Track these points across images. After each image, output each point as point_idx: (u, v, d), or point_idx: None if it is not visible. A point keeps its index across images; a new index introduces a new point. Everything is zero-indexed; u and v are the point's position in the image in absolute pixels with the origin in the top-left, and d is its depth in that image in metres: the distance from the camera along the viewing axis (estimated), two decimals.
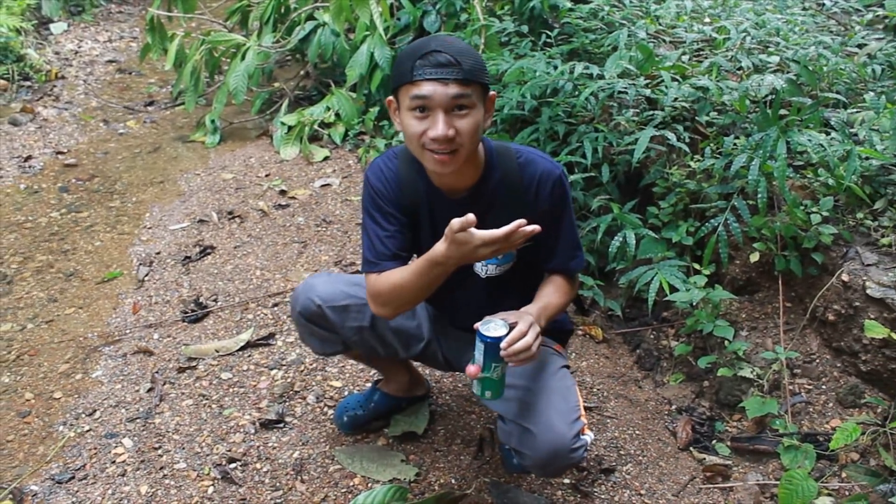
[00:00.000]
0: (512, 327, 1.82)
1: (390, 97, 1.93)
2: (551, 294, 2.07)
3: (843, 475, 2.44)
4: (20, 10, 6.60)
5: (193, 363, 2.96)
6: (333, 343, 2.27)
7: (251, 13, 5.88)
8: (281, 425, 2.63)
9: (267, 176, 4.62)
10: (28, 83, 6.09)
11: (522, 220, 1.73)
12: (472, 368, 1.88)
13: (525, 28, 4.35)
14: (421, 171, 2.00)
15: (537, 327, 1.86)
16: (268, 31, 5.44)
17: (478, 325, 1.85)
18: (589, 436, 2.05)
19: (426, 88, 1.77)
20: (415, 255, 2.11)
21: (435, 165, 1.87)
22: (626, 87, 3.39)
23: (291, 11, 5.48)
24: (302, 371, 2.89)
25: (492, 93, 1.91)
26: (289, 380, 2.85)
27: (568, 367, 2.20)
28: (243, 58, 5.05)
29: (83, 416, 2.70)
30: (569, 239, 2.10)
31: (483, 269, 2.11)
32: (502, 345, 1.80)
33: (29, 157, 4.91)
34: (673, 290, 2.90)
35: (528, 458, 2.00)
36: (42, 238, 3.97)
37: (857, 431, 2.30)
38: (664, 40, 4.23)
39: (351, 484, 2.38)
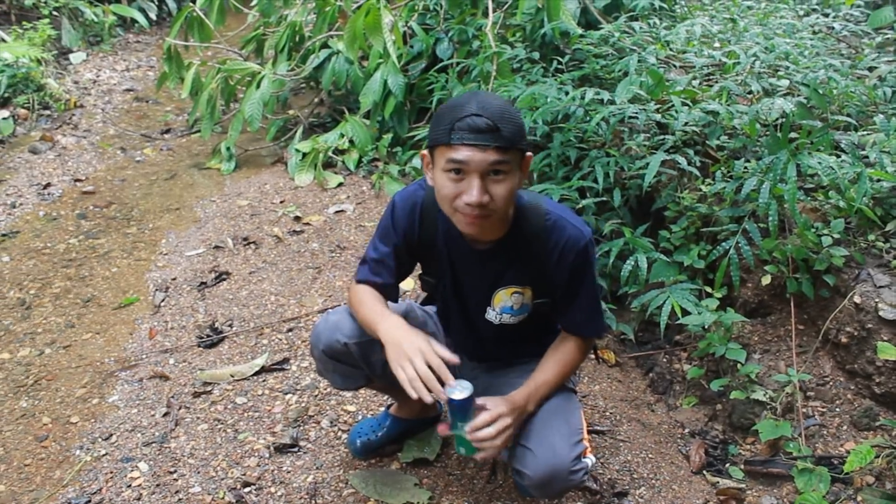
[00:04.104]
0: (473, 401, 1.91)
1: (424, 151, 1.91)
2: (550, 369, 2.09)
3: (859, 498, 2.42)
4: (41, 41, 6.74)
5: (209, 388, 2.98)
6: (356, 378, 2.27)
7: (266, 42, 5.99)
8: (295, 449, 2.64)
9: (281, 202, 4.67)
10: (48, 112, 6.20)
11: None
12: (441, 426, 1.98)
13: (536, 55, 4.39)
14: (443, 216, 1.96)
15: (507, 419, 1.91)
16: (282, 59, 5.51)
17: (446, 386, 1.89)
18: (591, 459, 2.05)
19: (463, 153, 1.73)
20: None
21: (465, 227, 1.86)
22: (636, 112, 3.42)
23: (306, 40, 5.56)
24: (316, 396, 2.91)
25: (528, 154, 1.87)
26: (303, 404, 2.86)
27: (574, 391, 2.22)
28: (258, 86, 5.13)
29: (100, 440, 2.73)
30: (587, 305, 2.07)
31: (497, 317, 2.12)
32: (466, 428, 1.90)
33: (48, 185, 4.99)
34: (685, 313, 2.90)
35: (527, 478, 2.00)
36: (60, 264, 4.02)
37: (871, 454, 2.29)
38: (674, 65, 4.26)
39: None
